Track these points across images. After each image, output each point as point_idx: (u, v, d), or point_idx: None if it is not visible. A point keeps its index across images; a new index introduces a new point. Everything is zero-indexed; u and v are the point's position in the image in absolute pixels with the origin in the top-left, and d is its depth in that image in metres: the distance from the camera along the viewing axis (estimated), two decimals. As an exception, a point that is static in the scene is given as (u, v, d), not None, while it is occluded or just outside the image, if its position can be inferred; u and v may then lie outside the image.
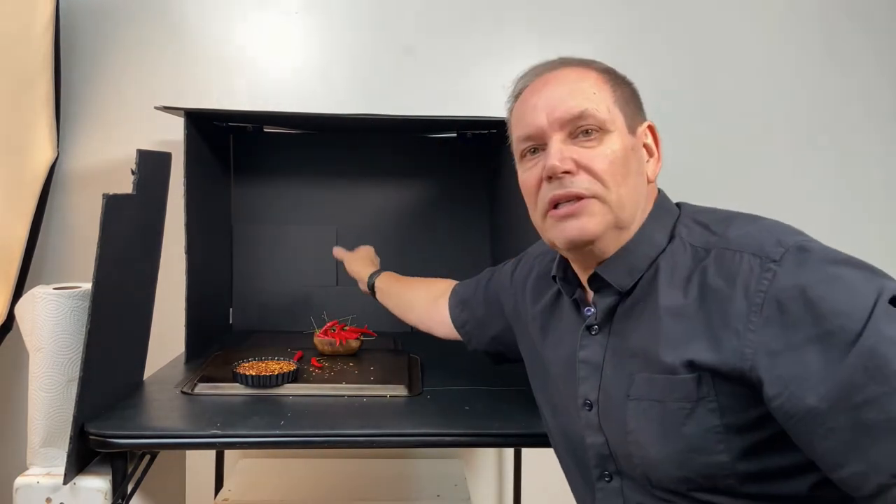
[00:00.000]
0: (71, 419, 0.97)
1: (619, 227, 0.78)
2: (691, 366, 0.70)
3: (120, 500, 1.00)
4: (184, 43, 1.66)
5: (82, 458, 0.99)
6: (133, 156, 1.09)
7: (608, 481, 0.81)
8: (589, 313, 0.83)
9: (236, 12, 1.67)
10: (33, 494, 0.99)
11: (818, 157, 1.76)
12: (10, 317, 1.44)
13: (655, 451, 0.73)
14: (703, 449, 0.70)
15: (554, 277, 0.89)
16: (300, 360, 1.32)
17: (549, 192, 0.78)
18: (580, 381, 0.82)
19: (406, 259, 1.68)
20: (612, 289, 0.80)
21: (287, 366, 1.20)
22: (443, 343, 1.21)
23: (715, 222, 0.77)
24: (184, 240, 1.33)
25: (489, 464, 1.77)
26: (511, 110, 0.87)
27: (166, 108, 1.38)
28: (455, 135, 1.67)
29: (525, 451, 1.66)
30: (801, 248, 0.67)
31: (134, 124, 1.64)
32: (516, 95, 0.86)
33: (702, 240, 0.76)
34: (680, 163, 1.45)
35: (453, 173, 1.69)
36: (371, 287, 1.35)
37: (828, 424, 0.62)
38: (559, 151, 0.77)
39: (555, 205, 0.78)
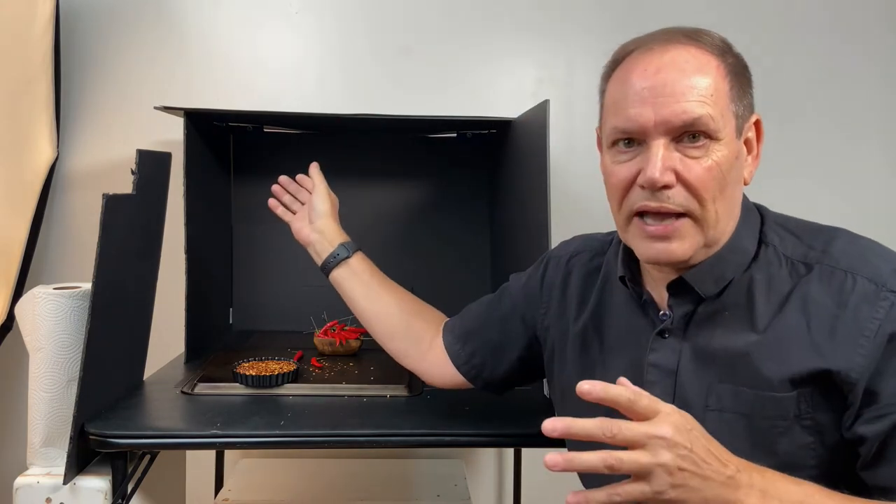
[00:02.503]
0: (71, 419, 0.97)
1: (707, 245, 0.74)
2: (793, 383, 0.69)
3: (120, 500, 1.00)
4: (184, 43, 1.66)
5: (82, 458, 0.99)
6: (133, 156, 1.09)
7: None
8: (665, 317, 0.79)
9: (236, 12, 1.67)
10: (33, 494, 0.99)
11: (820, 154, 1.76)
12: (10, 317, 1.44)
13: None
14: (796, 465, 0.69)
15: (622, 279, 0.83)
16: (300, 360, 1.32)
17: (641, 199, 0.73)
18: (647, 385, 0.77)
19: (406, 259, 1.68)
20: (695, 294, 0.76)
21: (287, 366, 1.20)
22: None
23: (807, 233, 0.76)
24: (184, 240, 1.33)
25: (489, 464, 1.77)
26: (608, 80, 0.78)
27: (166, 108, 1.38)
28: (455, 135, 1.67)
29: (525, 451, 1.66)
30: None
31: (134, 124, 1.64)
32: (615, 64, 0.77)
33: (798, 252, 0.74)
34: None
35: (453, 173, 1.69)
36: (337, 259, 1.06)
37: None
38: (661, 160, 0.70)
39: (641, 213, 0.74)
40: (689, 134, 0.71)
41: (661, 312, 0.80)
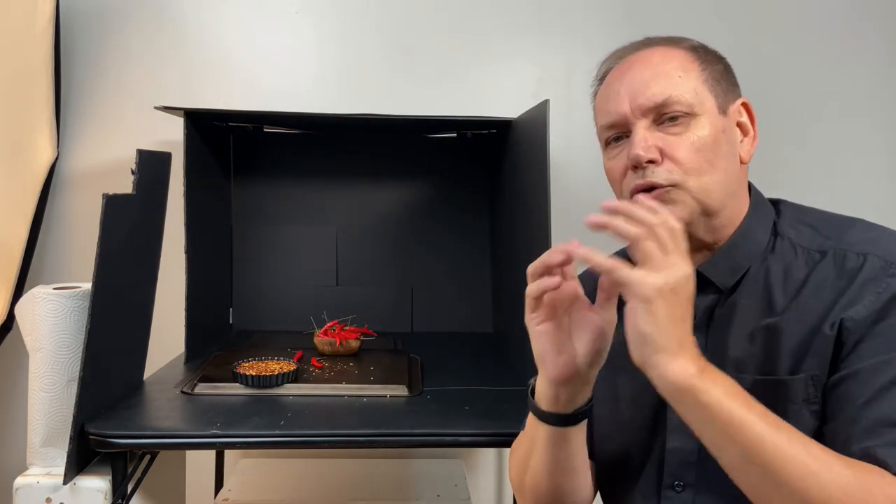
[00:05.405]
0: (71, 419, 0.97)
1: (707, 213, 0.76)
2: (802, 361, 0.70)
3: (120, 500, 1.00)
4: (184, 43, 1.66)
5: (82, 458, 0.99)
6: (133, 156, 1.09)
7: (678, 492, 0.77)
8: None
9: (236, 12, 1.67)
10: (33, 494, 0.99)
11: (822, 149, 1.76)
12: (10, 317, 1.44)
13: None
14: None
15: None
16: (300, 360, 1.32)
17: (633, 181, 0.77)
18: None
19: (406, 259, 1.68)
20: (713, 287, 0.77)
21: (287, 366, 1.20)
22: (443, 343, 1.22)
23: (824, 225, 0.77)
24: (184, 240, 1.33)
25: (489, 464, 1.77)
26: (595, 95, 0.85)
27: (166, 108, 1.38)
28: (455, 135, 1.67)
29: (525, 451, 1.66)
30: None
31: (134, 124, 1.64)
32: (600, 79, 0.84)
33: (814, 242, 0.75)
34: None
35: (453, 173, 1.69)
36: (579, 415, 0.77)
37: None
38: (643, 139, 0.75)
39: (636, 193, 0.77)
40: (668, 116, 0.76)
41: None
